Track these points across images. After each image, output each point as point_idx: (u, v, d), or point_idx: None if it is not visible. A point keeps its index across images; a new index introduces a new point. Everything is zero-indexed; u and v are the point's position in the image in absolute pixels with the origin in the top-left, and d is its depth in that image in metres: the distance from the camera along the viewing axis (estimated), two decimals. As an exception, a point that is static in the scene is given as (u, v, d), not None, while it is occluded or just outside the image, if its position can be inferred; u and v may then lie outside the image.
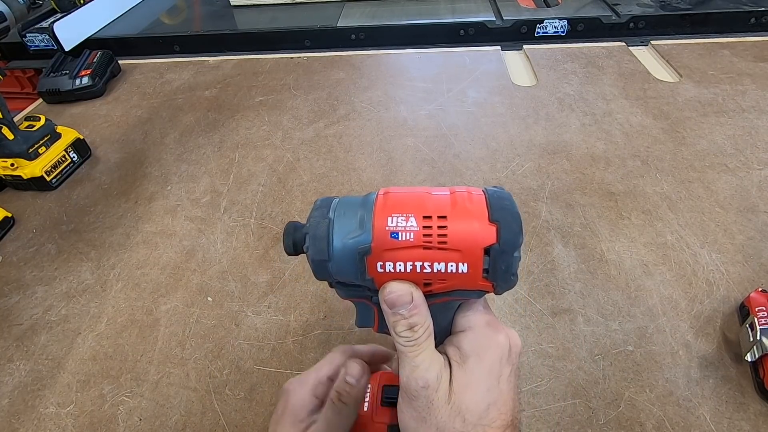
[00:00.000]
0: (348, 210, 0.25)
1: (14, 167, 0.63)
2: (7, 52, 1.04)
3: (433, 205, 0.24)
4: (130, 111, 0.81)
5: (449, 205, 0.24)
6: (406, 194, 0.25)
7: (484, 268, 0.23)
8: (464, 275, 0.23)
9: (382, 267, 0.24)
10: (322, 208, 0.25)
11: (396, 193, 0.25)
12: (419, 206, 0.24)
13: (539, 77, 0.80)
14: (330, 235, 0.24)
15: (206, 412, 0.40)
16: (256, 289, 0.50)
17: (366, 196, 0.25)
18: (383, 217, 0.23)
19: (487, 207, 0.23)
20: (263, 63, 0.92)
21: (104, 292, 0.51)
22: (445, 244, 0.23)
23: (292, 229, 0.26)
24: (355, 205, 0.25)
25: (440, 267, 0.23)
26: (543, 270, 0.49)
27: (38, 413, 0.41)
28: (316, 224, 0.24)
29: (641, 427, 0.37)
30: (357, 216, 0.24)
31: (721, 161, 0.60)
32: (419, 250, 0.23)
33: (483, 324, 0.26)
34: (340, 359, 0.31)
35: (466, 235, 0.23)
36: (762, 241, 0.50)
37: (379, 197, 0.25)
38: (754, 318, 0.39)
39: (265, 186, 0.63)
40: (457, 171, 0.62)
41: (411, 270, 0.24)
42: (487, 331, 0.26)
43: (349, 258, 0.24)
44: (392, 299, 0.24)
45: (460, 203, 0.24)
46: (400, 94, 0.79)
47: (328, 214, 0.25)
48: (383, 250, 0.23)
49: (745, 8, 0.91)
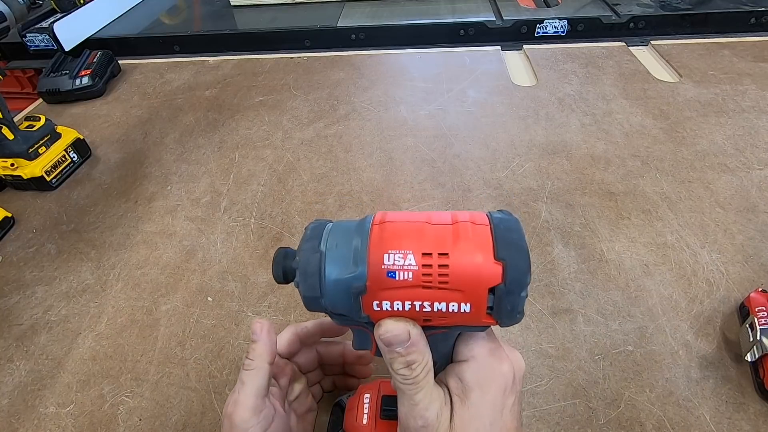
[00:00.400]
0: (341, 241, 0.23)
1: (14, 167, 0.63)
2: (7, 52, 1.04)
3: (433, 239, 0.22)
4: (130, 111, 0.81)
5: (451, 238, 0.22)
6: (404, 225, 0.23)
7: (488, 306, 0.22)
8: (467, 314, 0.22)
9: (378, 305, 0.22)
10: (312, 240, 0.23)
11: (393, 222, 0.23)
12: (418, 240, 0.22)
13: (539, 77, 0.80)
14: (322, 271, 0.22)
15: (206, 412, 0.40)
16: (256, 289, 0.50)
17: (361, 221, 0.24)
18: (379, 254, 0.22)
19: (492, 241, 0.21)
20: (263, 63, 0.92)
21: (104, 292, 0.51)
22: (447, 284, 0.21)
23: (282, 257, 0.24)
24: (350, 233, 0.23)
25: (441, 306, 0.22)
26: (543, 270, 0.49)
27: (38, 413, 0.41)
28: (307, 259, 0.23)
29: (641, 427, 0.37)
30: (351, 250, 0.22)
31: (721, 161, 0.60)
32: (418, 289, 0.21)
33: (486, 353, 0.25)
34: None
35: (470, 276, 0.21)
36: (762, 241, 0.50)
37: (374, 228, 0.23)
38: (754, 318, 0.39)
39: (265, 186, 0.63)
40: (457, 171, 0.62)
41: (410, 309, 0.22)
42: (490, 361, 0.25)
43: (343, 295, 0.22)
44: (388, 339, 0.23)
45: (463, 237, 0.22)
46: (400, 94, 0.79)
47: (319, 247, 0.23)
48: (379, 289, 0.22)
49: (745, 8, 0.91)
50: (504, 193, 0.58)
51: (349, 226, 0.24)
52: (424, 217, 0.23)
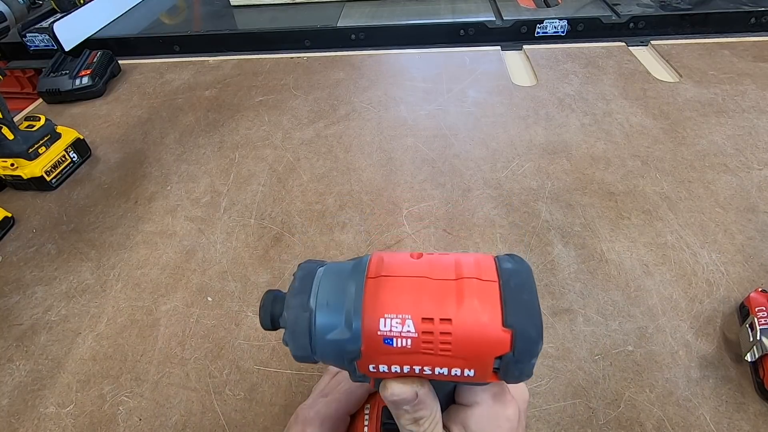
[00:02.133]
0: (333, 296, 0.21)
1: (14, 167, 0.63)
2: (7, 52, 1.04)
3: (434, 301, 0.20)
4: (130, 111, 0.81)
5: (454, 299, 0.19)
6: (402, 281, 0.20)
7: (494, 368, 0.20)
8: (471, 378, 0.20)
9: (374, 368, 0.21)
10: (302, 294, 0.21)
11: (389, 277, 0.21)
12: (417, 302, 0.20)
13: (539, 77, 0.80)
14: (312, 332, 0.21)
15: (206, 412, 0.40)
16: (256, 289, 0.50)
17: (355, 268, 0.21)
18: (375, 318, 0.20)
19: (501, 303, 0.19)
20: (263, 63, 0.92)
21: (104, 292, 0.51)
22: (449, 352, 0.19)
23: (270, 302, 0.23)
24: (342, 286, 0.21)
25: (443, 371, 0.20)
26: (543, 270, 0.49)
27: (38, 413, 0.41)
28: (296, 317, 0.21)
29: (641, 427, 0.37)
30: (343, 309, 0.20)
31: (721, 161, 0.60)
32: (418, 355, 0.20)
33: (490, 398, 0.24)
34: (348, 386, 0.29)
35: (475, 344, 0.19)
36: (762, 241, 0.50)
37: (369, 283, 0.20)
38: (754, 318, 0.39)
39: (265, 186, 0.63)
40: (457, 171, 0.62)
41: (409, 371, 0.21)
42: (495, 408, 0.24)
43: (336, 355, 0.21)
44: (395, 401, 0.22)
45: (468, 297, 0.19)
46: (400, 94, 0.79)
47: (308, 304, 0.21)
48: (375, 354, 0.20)
49: (745, 8, 0.91)
50: (504, 193, 0.58)
51: (342, 273, 0.22)
52: (425, 267, 0.21)
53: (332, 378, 0.32)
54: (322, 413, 0.29)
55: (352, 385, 0.29)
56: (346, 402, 0.29)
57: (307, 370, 0.42)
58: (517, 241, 0.52)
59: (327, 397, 0.30)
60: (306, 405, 0.30)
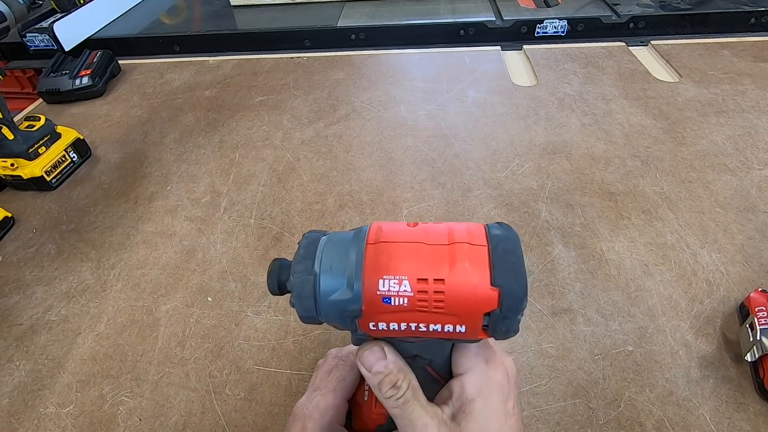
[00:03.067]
0: (335, 260, 0.23)
1: (14, 167, 0.63)
2: (7, 52, 1.04)
3: (428, 263, 0.21)
4: (130, 111, 0.81)
5: (447, 262, 0.21)
6: (399, 246, 0.22)
7: (483, 325, 0.22)
8: (462, 334, 0.22)
9: (374, 326, 0.23)
10: (306, 260, 0.23)
11: (387, 243, 0.22)
12: (414, 264, 0.21)
13: (539, 77, 0.80)
14: (316, 294, 0.23)
15: (206, 412, 0.40)
16: (256, 289, 0.50)
17: (356, 236, 0.23)
18: (374, 280, 0.21)
19: (489, 265, 0.21)
20: (263, 63, 0.92)
21: (104, 292, 0.51)
22: (442, 309, 0.21)
23: (277, 269, 0.24)
24: (343, 251, 0.23)
25: (436, 327, 0.22)
26: (543, 270, 0.49)
27: (38, 413, 0.41)
28: (301, 281, 0.23)
29: (641, 427, 0.37)
30: (345, 272, 0.22)
31: (721, 161, 0.60)
32: (414, 313, 0.22)
33: (483, 363, 0.26)
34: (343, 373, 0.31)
35: (466, 302, 0.21)
36: (762, 241, 0.50)
37: (368, 249, 0.22)
38: (754, 318, 0.39)
39: (265, 186, 0.63)
40: (456, 171, 0.62)
41: (405, 329, 0.22)
42: (488, 371, 0.26)
43: (339, 315, 0.23)
44: (367, 360, 0.25)
45: (460, 260, 0.21)
46: (400, 94, 0.79)
47: (313, 268, 0.23)
48: (375, 313, 0.22)
49: (745, 8, 0.91)
50: (504, 193, 0.58)
51: (343, 241, 0.23)
52: (420, 234, 0.22)
53: (323, 372, 0.32)
54: (321, 406, 0.29)
55: (342, 372, 0.31)
56: (342, 389, 0.30)
57: (307, 370, 0.42)
58: (517, 241, 0.52)
59: (321, 389, 0.30)
60: (302, 402, 0.30)
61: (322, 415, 0.29)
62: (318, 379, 0.32)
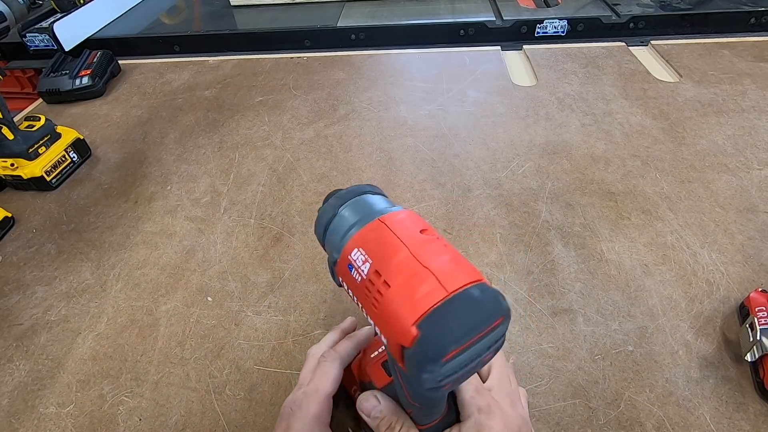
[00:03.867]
0: (351, 215, 0.25)
1: (14, 167, 0.63)
2: (7, 52, 1.04)
3: (394, 264, 0.21)
4: (130, 111, 0.81)
5: (406, 276, 0.21)
6: (392, 238, 0.22)
7: (401, 355, 0.20)
8: (386, 346, 0.22)
9: (341, 282, 0.25)
10: (340, 199, 0.26)
11: (388, 230, 0.23)
12: (384, 258, 0.22)
13: (539, 77, 0.80)
14: (326, 226, 0.26)
15: (206, 412, 0.40)
16: (256, 289, 0.50)
17: (382, 206, 0.25)
18: (353, 246, 0.23)
19: (431, 307, 0.19)
20: (263, 63, 0.92)
21: (104, 292, 0.51)
22: (376, 309, 0.21)
23: (331, 194, 0.27)
24: (365, 210, 0.25)
25: (371, 322, 0.23)
26: (543, 270, 0.49)
27: (38, 413, 0.41)
28: (325, 210, 0.26)
29: (641, 427, 0.37)
30: (349, 225, 0.24)
31: (721, 161, 0.60)
32: (361, 292, 0.23)
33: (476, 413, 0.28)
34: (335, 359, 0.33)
35: (389, 319, 0.21)
36: (762, 241, 0.50)
37: (376, 222, 0.23)
38: (754, 318, 0.39)
39: (265, 186, 0.63)
40: (456, 171, 0.62)
41: (355, 301, 0.24)
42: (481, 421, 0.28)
43: (330, 252, 0.26)
44: (365, 407, 0.29)
45: (416, 285, 0.20)
46: (400, 94, 0.79)
47: (339, 207, 0.25)
48: (342, 272, 0.24)
49: (745, 8, 0.91)
50: (504, 193, 0.58)
51: (372, 205, 0.25)
52: (417, 244, 0.22)
53: (307, 371, 0.34)
54: (304, 404, 0.31)
55: (324, 369, 0.32)
56: (324, 386, 0.31)
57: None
58: (517, 241, 0.52)
59: (304, 387, 0.32)
60: (288, 401, 0.32)
61: (306, 413, 0.30)
62: (302, 378, 0.33)
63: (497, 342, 0.21)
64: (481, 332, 0.20)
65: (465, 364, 0.20)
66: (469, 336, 0.19)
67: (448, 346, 0.19)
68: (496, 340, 0.21)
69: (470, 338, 0.19)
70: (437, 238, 0.23)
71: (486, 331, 0.20)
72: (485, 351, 0.20)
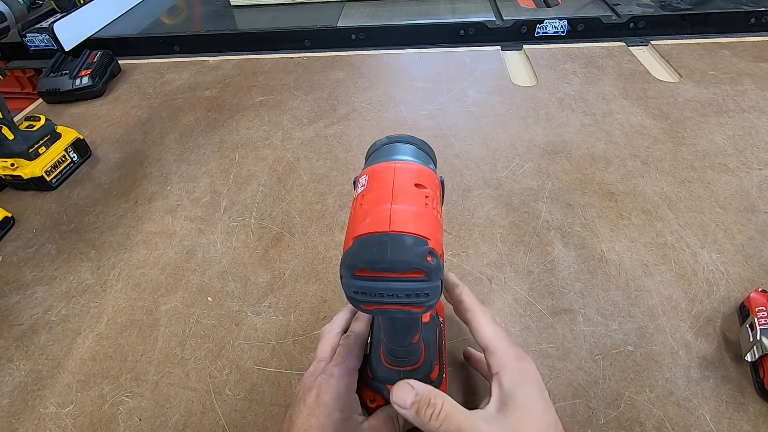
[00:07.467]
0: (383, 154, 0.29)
1: (14, 167, 0.63)
2: (7, 52, 1.04)
3: (372, 196, 0.25)
4: (130, 111, 0.81)
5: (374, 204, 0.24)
6: (390, 177, 0.26)
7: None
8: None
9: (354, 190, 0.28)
10: (391, 138, 0.30)
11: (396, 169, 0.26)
12: (373, 188, 0.26)
13: (539, 77, 0.80)
14: (369, 153, 0.31)
15: (206, 412, 0.40)
16: (256, 289, 0.50)
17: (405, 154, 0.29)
18: (365, 173, 0.27)
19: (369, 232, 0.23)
20: (263, 63, 0.92)
21: (104, 292, 0.51)
22: (348, 221, 0.26)
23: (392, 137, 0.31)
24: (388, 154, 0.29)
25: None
26: (543, 270, 0.49)
27: (38, 413, 0.41)
28: (376, 142, 0.31)
29: (641, 427, 0.37)
30: (374, 160, 0.29)
31: (721, 161, 0.60)
32: (352, 206, 0.26)
33: (513, 360, 0.30)
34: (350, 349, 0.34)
35: (349, 230, 0.25)
36: (762, 241, 0.50)
37: (391, 161, 0.27)
38: (754, 318, 0.39)
39: (265, 186, 0.63)
40: (457, 171, 0.62)
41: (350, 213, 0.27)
42: (521, 366, 0.29)
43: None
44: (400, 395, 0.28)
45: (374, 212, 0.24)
46: (400, 94, 0.79)
47: (384, 144, 0.30)
48: (357, 184, 0.28)
49: (745, 8, 0.91)
50: (504, 193, 0.58)
51: (397, 151, 0.29)
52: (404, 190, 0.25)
53: (326, 347, 0.35)
54: (335, 373, 0.32)
55: (347, 346, 0.34)
56: (350, 360, 0.33)
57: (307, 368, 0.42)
58: (517, 241, 0.52)
59: (328, 360, 0.34)
60: (311, 372, 0.33)
61: (337, 382, 0.31)
62: (320, 353, 0.34)
63: (416, 296, 0.23)
64: (394, 272, 0.22)
65: (379, 293, 0.23)
66: (380, 265, 0.22)
67: (359, 263, 0.22)
68: (414, 293, 0.23)
69: (381, 269, 0.22)
70: (422, 195, 0.25)
71: (399, 273, 0.22)
72: (402, 296, 0.23)
